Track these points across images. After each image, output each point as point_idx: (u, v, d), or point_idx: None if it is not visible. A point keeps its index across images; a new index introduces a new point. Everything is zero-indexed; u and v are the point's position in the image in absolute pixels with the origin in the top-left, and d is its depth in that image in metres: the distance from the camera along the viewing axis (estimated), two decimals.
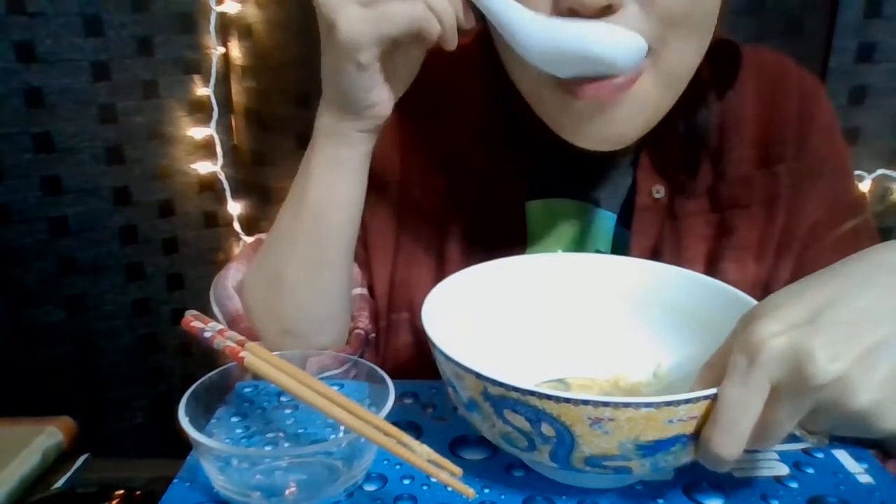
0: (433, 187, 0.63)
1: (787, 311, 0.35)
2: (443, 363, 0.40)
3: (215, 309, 0.56)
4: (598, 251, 0.60)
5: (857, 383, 0.32)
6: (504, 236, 0.60)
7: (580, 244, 0.61)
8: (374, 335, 0.60)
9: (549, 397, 0.34)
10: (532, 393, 0.34)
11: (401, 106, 0.54)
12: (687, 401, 0.33)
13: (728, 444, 0.34)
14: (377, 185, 0.52)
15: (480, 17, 0.48)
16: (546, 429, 0.35)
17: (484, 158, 0.61)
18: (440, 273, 0.60)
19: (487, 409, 0.37)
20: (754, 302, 0.42)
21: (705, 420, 0.35)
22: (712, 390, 0.34)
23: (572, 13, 0.43)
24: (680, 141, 0.58)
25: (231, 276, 0.57)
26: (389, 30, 0.44)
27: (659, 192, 0.58)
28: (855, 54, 1.25)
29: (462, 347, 0.39)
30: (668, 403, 0.33)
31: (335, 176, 0.52)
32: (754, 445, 0.35)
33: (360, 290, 0.61)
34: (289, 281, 0.53)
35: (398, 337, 0.62)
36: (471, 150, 0.61)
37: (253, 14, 1.51)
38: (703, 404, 0.34)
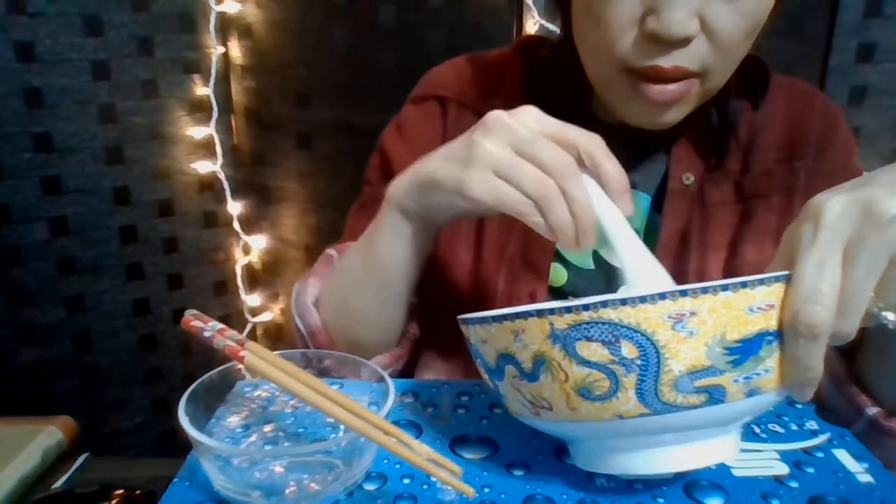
0: None
1: (837, 188, 0.36)
2: (496, 333, 0.37)
3: (297, 322, 0.61)
4: (633, 230, 0.63)
5: None
6: None
7: None
8: (418, 334, 0.65)
9: (623, 302, 0.32)
10: (604, 304, 0.33)
11: (446, 103, 0.66)
12: (762, 281, 0.33)
13: (815, 309, 0.33)
14: None
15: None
16: (627, 349, 0.33)
17: None
18: (478, 253, 0.64)
19: (558, 356, 0.35)
20: None
21: (785, 312, 0.34)
22: (785, 272, 0.34)
23: (654, 39, 0.49)
24: (711, 137, 0.62)
25: (310, 293, 0.62)
26: (499, 206, 0.45)
27: (689, 178, 0.62)
28: (855, 54, 1.25)
29: None
30: (744, 284, 0.33)
31: (401, 247, 0.55)
32: (840, 323, 0.34)
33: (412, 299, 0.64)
34: (356, 311, 0.59)
35: (435, 310, 0.65)
36: None
37: (253, 14, 1.51)
38: (779, 288, 0.34)
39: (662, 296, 0.32)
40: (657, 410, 0.34)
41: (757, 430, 0.47)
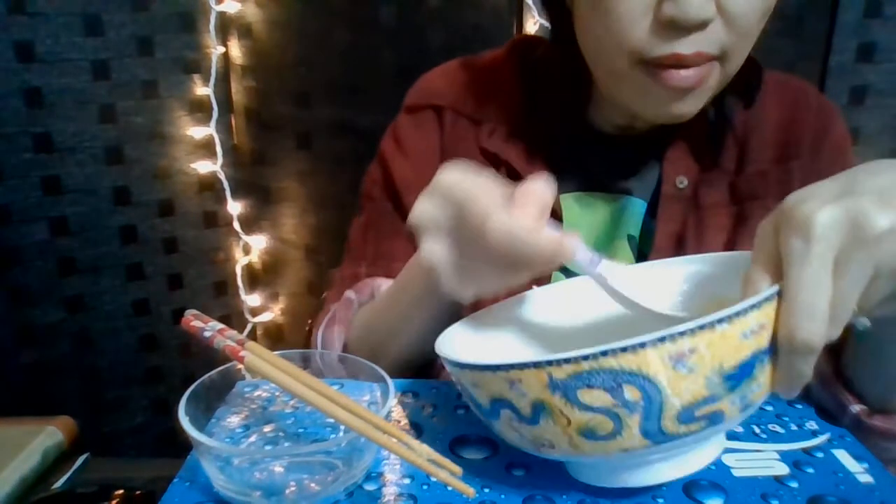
0: None
1: (821, 192, 0.35)
2: (488, 381, 0.36)
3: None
4: (629, 236, 0.63)
5: None
6: None
7: (613, 230, 0.64)
8: None
9: (623, 349, 0.32)
10: (604, 353, 0.32)
11: (442, 111, 0.66)
12: (754, 306, 0.33)
13: (811, 327, 0.33)
14: (422, 183, 0.54)
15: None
16: (630, 392, 0.33)
17: (520, 157, 0.64)
18: None
19: (559, 404, 0.34)
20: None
21: (775, 328, 0.34)
22: (773, 288, 0.34)
23: (672, 24, 0.48)
24: (705, 136, 0.62)
25: (336, 342, 0.62)
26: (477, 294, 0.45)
27: (682, 182, 0.62)
28: (855, 54, 1.25)
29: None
30: (738, 313, 0.33)
31: (426, 316, 0.54)
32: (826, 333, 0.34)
33: None
34: (390, 356, 0.58)
35: None
36: (507, 150, 0.64)
37: (253, 14, 1.51)
38: (772, 306, 0.34)
39: (662, 339, 0.32)
40: (660, 441, 0.35)
41: (757, 430, 0.47)
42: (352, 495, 0.40)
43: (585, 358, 0.32)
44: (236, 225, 1.66)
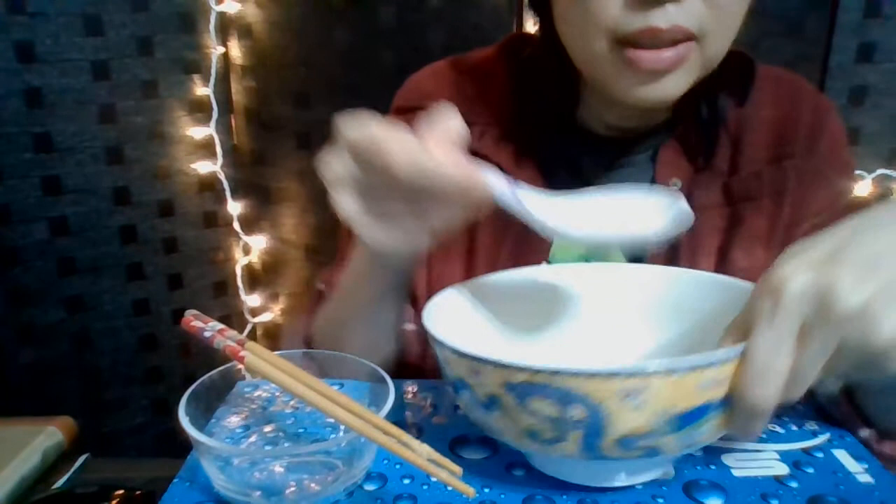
0: None
1: (805, 255, 0.35)
2: (454, 362, 0.38)
3: None
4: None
5: (879, 316, 0.33)
6: (529, 231, 0.62)
7: None
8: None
9: (578, 374, 0.33)
10: (559, 372, 0.33)
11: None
12: (713, 362, 0.33)
13: (763, 390, 0.33)
14: None
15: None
16: (576, 411, 0.34)
17: (511, 160, 0.64)
18: (469, 270, 0.63)
19: (510, 403, 0.36)
20: None
21: (735, 383, 0.34)
22: (739, 347, 0.34)
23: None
24: (698, 136, 0.61)
25: (298, 332, 0.63)
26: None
27: (676, 184, 0.61)
28: (855, 54, 1.25)
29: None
30: (697, 366, 0.33)
31: (377, 288, 0.54)
32: (786, 393, 0.35)
33: (410, 326, 0.63)
34: (348, 338, 0.57)
35: None
36: (498, 152, 0.64)
37: (253, 14, 1.51)
38: (732, 365, 0.34)
39: (616, 373, 0.33)
40: (597, 458, 0.36)
41: None
42: (352, 495, 0.40)
43: (540, 371, 0.34)
44: (236, 225, 1.66)
